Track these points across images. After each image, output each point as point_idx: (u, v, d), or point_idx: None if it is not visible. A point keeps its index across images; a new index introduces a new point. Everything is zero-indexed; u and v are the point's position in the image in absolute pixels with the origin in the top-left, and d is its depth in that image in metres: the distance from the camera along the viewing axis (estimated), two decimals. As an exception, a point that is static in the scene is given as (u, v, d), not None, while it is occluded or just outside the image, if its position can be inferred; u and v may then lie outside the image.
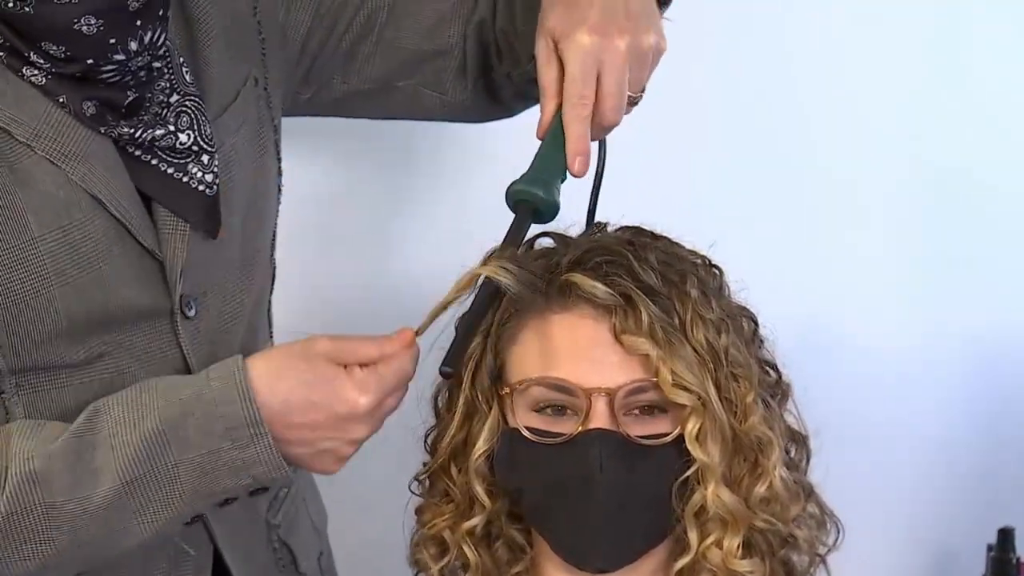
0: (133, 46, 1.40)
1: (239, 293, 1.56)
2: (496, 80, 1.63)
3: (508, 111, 1.69)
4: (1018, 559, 1.97)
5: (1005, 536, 1.96)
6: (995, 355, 2.12)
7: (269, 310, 1.67)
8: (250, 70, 1.57)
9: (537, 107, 1.52)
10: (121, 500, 1.35)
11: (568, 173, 1.42)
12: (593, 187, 1.50)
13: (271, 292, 1.67)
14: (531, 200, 1.40)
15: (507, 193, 1.41)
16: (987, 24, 2.07)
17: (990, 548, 1.98)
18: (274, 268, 1.66)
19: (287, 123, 1.66)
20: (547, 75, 1.43)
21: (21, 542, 1.36)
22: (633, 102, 1.45)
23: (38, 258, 1.40)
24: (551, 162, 1.41)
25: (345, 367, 1.40)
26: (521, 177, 1.41)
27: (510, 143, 1.59)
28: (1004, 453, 2.14)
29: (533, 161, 1.42)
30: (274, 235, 1.65)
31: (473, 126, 1.75)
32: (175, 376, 1.43)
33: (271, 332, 1.69)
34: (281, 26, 1.60)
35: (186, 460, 1.36)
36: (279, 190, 1.64)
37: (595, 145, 1.47)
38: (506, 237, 1.43)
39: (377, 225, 2.12)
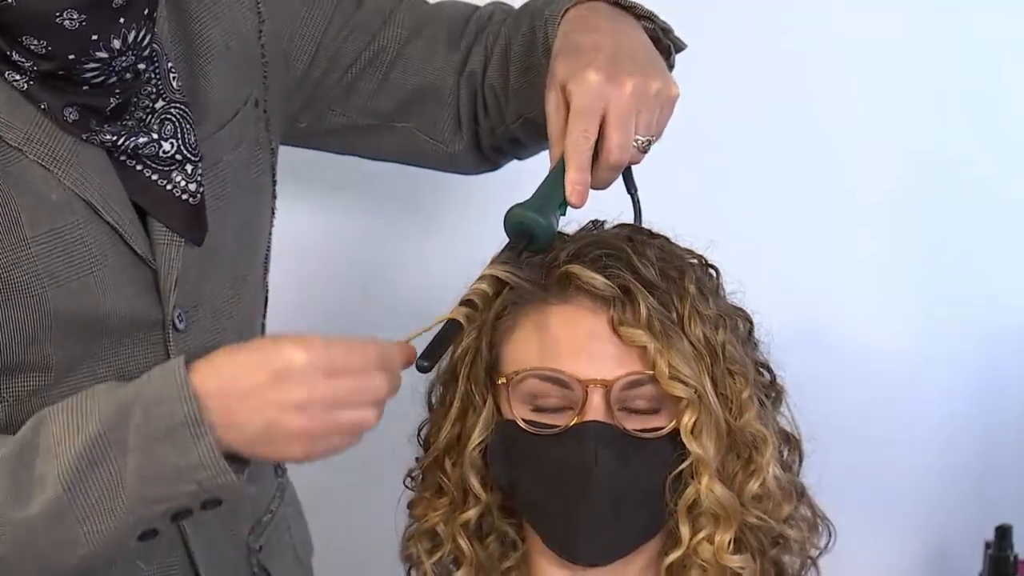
0: (116, 44, 1.39)
1: (230, 309, 1.55)
2: (480, 134, 1.65)
3: (493, 165, 1.71)
4: (1015, 557, 1.98)
5: (1003, 534, 1.97)
6: (992, 353, 2.12)
7: (263, 336, 1.66)
8: (251, 91, 1.57)
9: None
10: (63, 508, 1.31)
11: (567, 205, 1.43)
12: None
13: (264, 315, 1.66)
14: (527, 223, 1.41)
15: (505, 217, 1.42)
16: (986, 15, 2.07)
17: (988, 546, 1.99)
18: (267, 291, 1.66)
19: (289, 152, 1.66)
20: (556, 123, 1.44)
21: None
22: (643, 148, 1.45)
23: (30, 259, 1.39)
24: (551, 191, 1.42)
25: None
26: (520, 203, 1.42)
27: (511, 171, 1.62)
28: (1001, 451, 2.14)
29: (535, 191, 1.44)
30: (267, 257, 1.64)
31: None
32: (119, 382, 1.37)
33: None
34: (284, 52, 1.60)
35: (127, 464, 1.30)
36: (273, 212, 1.64)
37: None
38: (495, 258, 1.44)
39: (374, 252, 2.13)
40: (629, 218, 1.50)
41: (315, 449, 1.32)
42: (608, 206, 1.49)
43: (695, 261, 1.47)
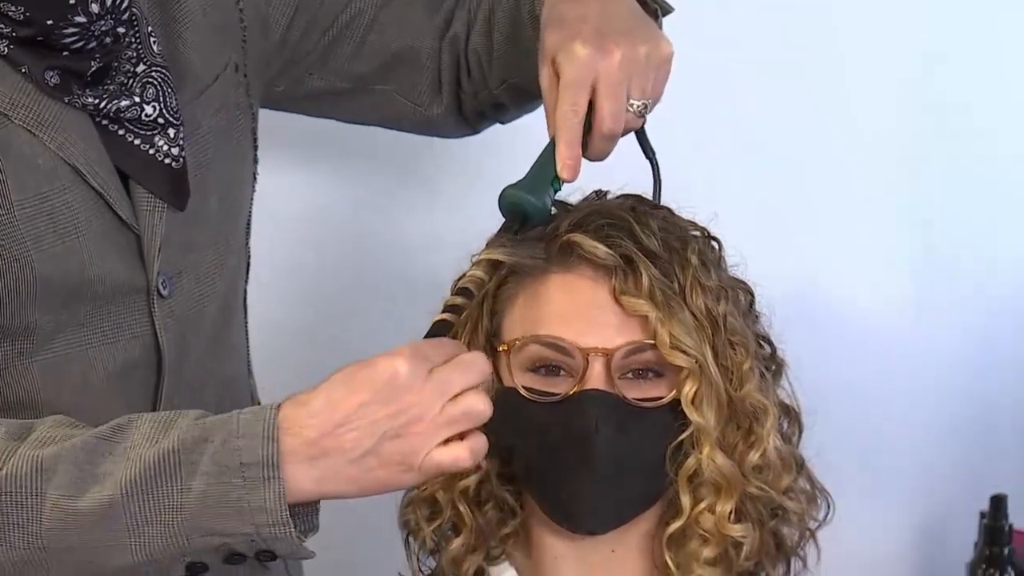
0: (95, 8, 1.38)
1: (213, 276, 1.55)
2: (462, 98, 1.65)
3: (473, 129, 1.71)
4: (1010, 526, 1.98)
5: (997, 503, 1.97)
6: (988, 324, 2.12)
7: (244, 301, 1.66)
8: (230, 56, 1.57)
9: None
10: (115, 512, 1.28)
11: (560, 181, 1.42)
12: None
13: (246, 281, 1.66)
14: (520, 203, 1.40)
15: (499, 198, 1.42)
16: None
17: (982, 515, 1.99)
18: (248, 257, 1.66)
19: (277, 117, 1.67)
20: (550, 98, 1.43)
21: (8, 526, 1.30)
22: (640, 112, 1.44)
23: (14, 223, 1.39)
24: (543, 168, 1.42)
25: None
26: (513, 183, 1.42)
27: (507, 143, 1.61)
28: (996, 420, 2.14)
29: (530, 168, 1.44)
30: (248, 223, 1.64)
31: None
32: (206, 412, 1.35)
33: (247, 326, 1.67)
34: (263, 17, 1.60)
35: (192, 487, 1.28)
36: (254, 178, 1.64)
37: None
38: (491, 241, 1.44)
39: (363, 221, 2.13)
40: (632, 189, 1.49)
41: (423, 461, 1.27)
42: (611, 177, 1.48)
43: (697, 233, 1.48)
